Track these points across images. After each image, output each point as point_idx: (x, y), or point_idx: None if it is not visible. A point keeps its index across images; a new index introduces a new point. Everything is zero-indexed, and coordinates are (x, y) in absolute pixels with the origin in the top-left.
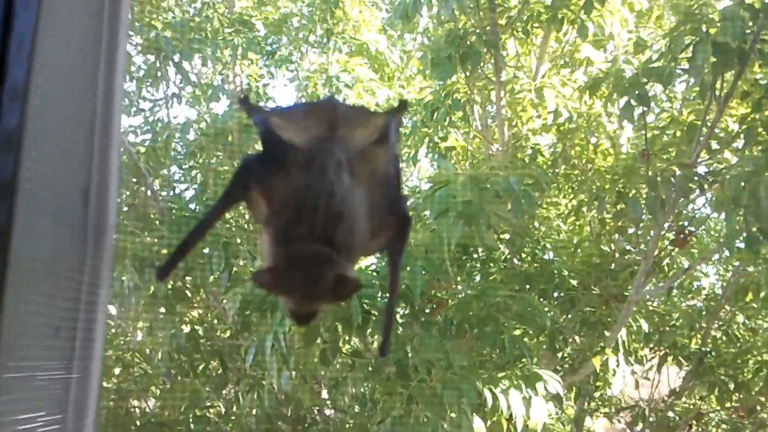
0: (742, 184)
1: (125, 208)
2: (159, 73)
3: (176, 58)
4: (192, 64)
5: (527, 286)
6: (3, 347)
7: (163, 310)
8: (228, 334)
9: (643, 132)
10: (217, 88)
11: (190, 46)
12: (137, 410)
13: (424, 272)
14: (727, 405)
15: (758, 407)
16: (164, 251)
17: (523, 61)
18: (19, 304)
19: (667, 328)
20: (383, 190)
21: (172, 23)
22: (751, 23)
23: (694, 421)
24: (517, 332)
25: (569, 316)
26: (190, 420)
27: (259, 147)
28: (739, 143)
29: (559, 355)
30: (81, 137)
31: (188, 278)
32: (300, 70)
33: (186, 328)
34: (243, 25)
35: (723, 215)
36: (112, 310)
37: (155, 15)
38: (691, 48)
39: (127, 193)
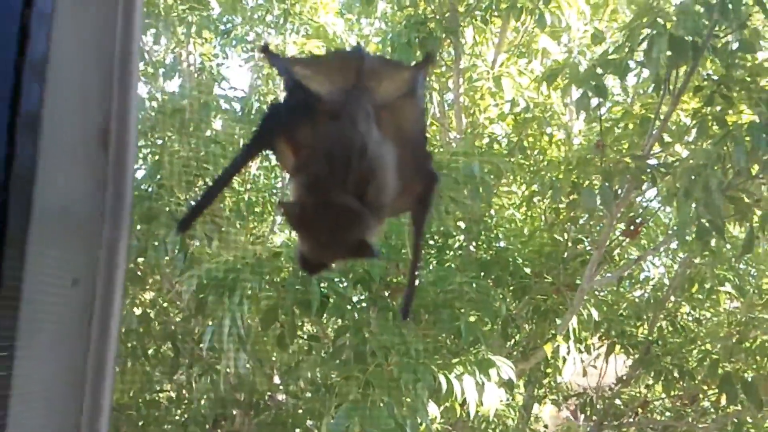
0: (694, 176)
1: None
2: None
3: None
4: (144, 41)
5: (482, 273)
6: (24, 301)
7: None
8: (181, 317)
9: (597, 124)
10: (170, 66)
11: (143, 21)
12: None
13: (382, 259)
14: (672, 393)
15: (701, 395)
16: None
17: (481, 49)
18: (39, 255)
19: (616, 318)
20: (410, 146)
21: None
22: (705, 19)
23: (639, 409)
24: (472, 318)
25: (522, 303)
26: (140, 404)
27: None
28: (691, 137)
29: (511, 341)
30: (101, 70)
31: (141, 259)
32: (256, 50)
33: (138, 311)
34: (198, 3)
35: (674, 207)
36: None
37: None
38: (646, 41)
39: None
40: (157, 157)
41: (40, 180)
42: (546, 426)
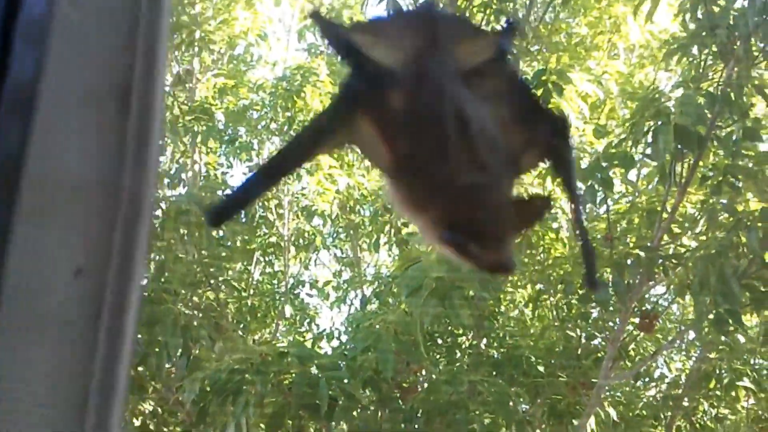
0: (709, 265)
1: None
2: None
3: None
4: None
5: (494, 373)
6: (11, 294)
7: None
8: (181, 428)
9: (601, 219)
10: (174, 174)
11: None
12: None
13: (394, 355)
14: None
15: None
16: None
17: None
18: (33, 239)
19: (633, 418)
20: (515, 102)
21: None
22: (707, 110)
23: None
24: (487, 421)
25: (537, 403)
26: None
27: None
28: (698, 228)
29: None
30: (121, 23)
31: (140, 368)
32: (260, 157)
33: (137, 422)
34: (203, 114)
35: (687, 298)
36: None
37: None
38: (651, 132)
39: None
40: (164, 262)
41: (34, 148)
42: None
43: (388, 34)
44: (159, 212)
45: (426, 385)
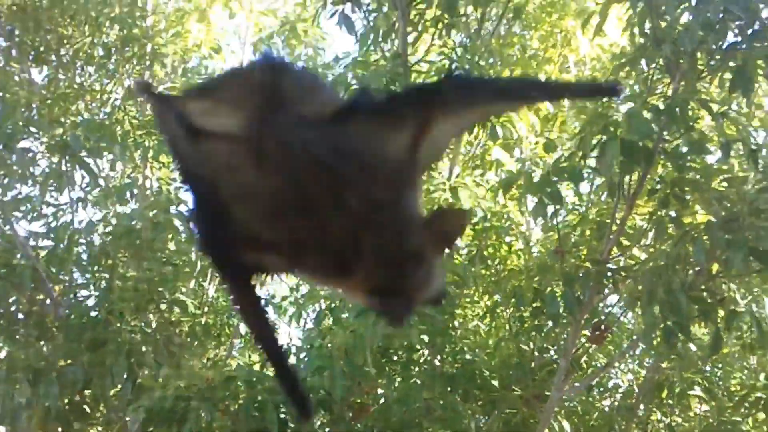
0: (656, 278)
1: (20, 316)
2: (65, 175)
3: (84, 157)
4: (99, 167)
5: (449, 388)
6: None
7: (60, 429)
8: None
9: (555, 230)
10: (124, 188)
11: (98, 144)
12: None
13: (344, 379)
14: None
15: None
16: (61, 362)
17: (436, 164)
18: None
19: (588, 429)
20: (375, 121)
21: (82, 122)
22: (653, 124)
23: None
24: None
25: (492, 418)
26: None
27: None
28: (648, 240)
29: None
30: None
31: (87, 391)
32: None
33: None
34: (154, 128)
35: (638, 311)
36: (2, 429)
37: (64, 117)
38: (598, 147)
39: (24, 300)
40: (108, 283)
41: None
42: None
43: (225, 96)
44: (106, 230)
45: (379, 404)
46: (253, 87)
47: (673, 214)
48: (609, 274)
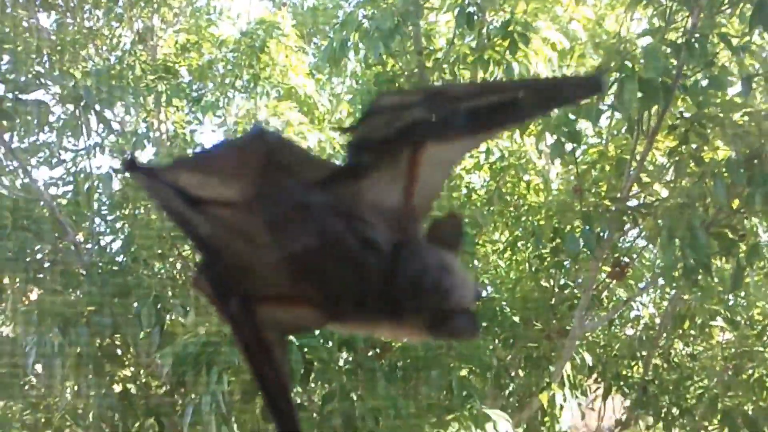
0: (677, 216)
1: (47, 264)
2: (80, 122)
3: (97, 107)
4: (114, 113)
5: None
6: None
7: (91, 368)
8: (163, 390)
9: (573, 167)
10: (141, 135)
11: (111, 94)
12: None
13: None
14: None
15: (703, 431)
16: (90, 308)
17: None
18: None
19: (610, 359)
20: (369, 174)
21: (92, 71)
22: (672, 60)
23: None
24: (464, 373)
25: (513, 352)
26: None
27: None
28: (669, 176)
29: (506, 392)
30: None
31: (117, 336)
32: (228, 115)
33: (117, 387)
34: (166, 72)
35: (658, 247)
36: (39, 369)
37: (74, 64)
38: (616, 85)
39: (49, 247)
40: (130, 230)
41: None
42: None
43: (219, 167)
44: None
45: (401, 341)
46: (248, 157)
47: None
48: (628, 211)
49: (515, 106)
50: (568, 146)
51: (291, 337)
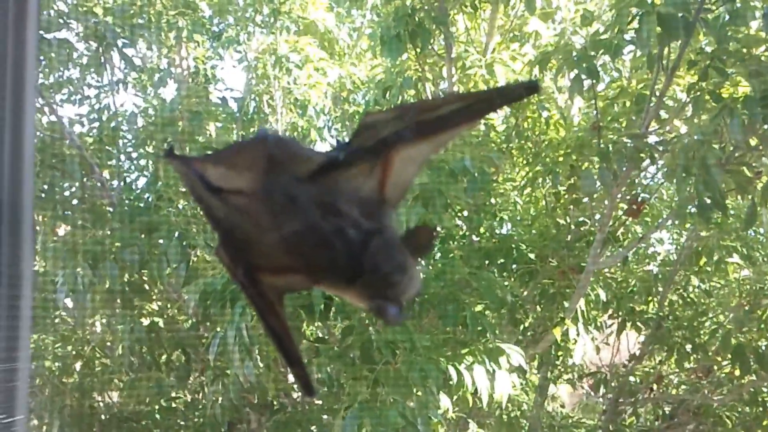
0: (692, 153)
1: (74, 201)
2: (102, 59)
3: (119, 44)
4: (137, 49)
5: (487, 262)
6: None
7: (119, 302)
8: (189, 324)
9: (594, 102)
10: (163, 72)
11: (133, 31)
12: (101, 405)
13: None
14: (686, 366)
15: (715, 367)
16: (117, 244)
17: (473, 35)
18: None
19: (625, 295)
20: (353, 173)
21: (114, 9)
22: None
23: (654, 384)
24: (479, 308)
25: (528, 288)
26: (156, 411)
27: None
28: (688, 112)
29: (521, 327)
30: None
31: (144, 271)
32: (248, 50)
33: (146, 321)
34: (187, 7)
35: (674, 183)
36: (69, 304)
37: (97, 2)
38: (636, 20)
39: (76, 185)
40: (154, 168)
41: None
42: (563, 405)
43: (235, 163)
44: (145, 122)
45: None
46: (256, 155)
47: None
48: (646, 148)
49: (468, 111)
50: (587, 83)
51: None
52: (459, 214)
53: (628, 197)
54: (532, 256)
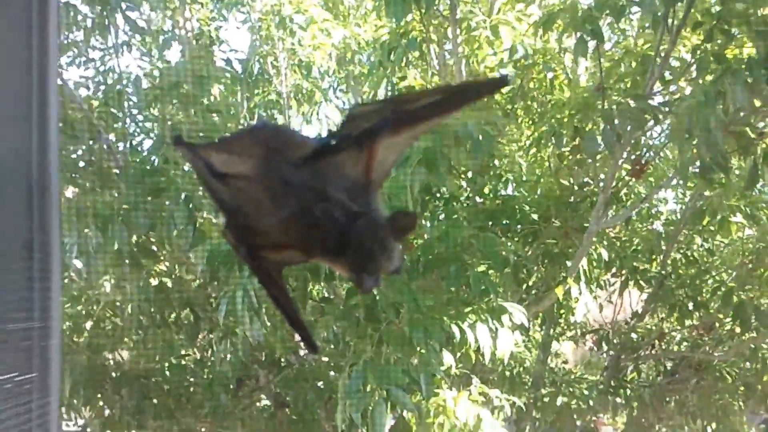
0: (695, 115)
1: (81, 164)
2: (107, 22)
3: (123, 6)
4: (141, 11)
5: (490, 223)
6: None
7: (128, 263)
8: (197, 284)
9: (599, 63)
10: (168, 34)
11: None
12: (112, 363)
13: None
14: (687, 324)
15: (716, 324)
16: (125, 206)
17: None
18: None
19: (629, 254)
20: (337, 157)
21: None
22: None
23: (656, 341)
24: (482, 268)
25: (532, 248)
26: (166, 369)
27: None
28: (693, 73)
29: (524, 286)
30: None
31: (152, 233)
32: (252, 11)
33: (154, 281)
34: None
35: (677, 145)
36: (79, 265)
37: None
38: None
39: (83, 148)
40: (160, 130)
41: None
42: (566, 361)
43: (237, 150)
44: (150, 85)
45: (424, 238)
46: (255, 143)
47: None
48: (650, 109)
49: (442, 104)
50: (592, 44)
51: None
52: (463, 176)
53: (631, 158)
54: (535, 216)
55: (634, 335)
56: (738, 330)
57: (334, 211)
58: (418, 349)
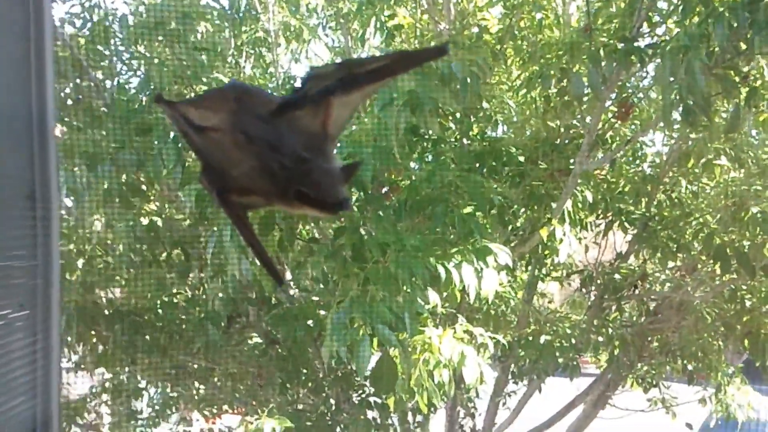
0: (679, 57)
1: (69, 102)
2: None
3: None
4: None
5: (477, 165)
6: None
7: (118, 202)
8: (187, 223)
9: (587, 2)
10: None
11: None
12: (104, 300)
13: (373, 160)
14: (670, 265)
15: (699, 266)
16: (113, 145)
17: None
18: None
19: (614, 196)
20: (299, 113)
21: None
22: None
23: (639, 281)
24: (468, 210)
25: (518, 190)
26: (158, 306)
27: None
28: (678, 16)
29: (510, 228)
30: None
31: (141, 172)
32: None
33: (144, 220)
34: None
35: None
36: (69, 204)
37: None
38: None
39: (70, 86)
40: (147, 69)
41: None
42: (551, 301)
43: (211, 105)
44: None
45: (410, 180)
46: (226, 100)
47: None
48: (636, 51)
49: (388, 67)
50: None
51: None
52: (450, 117)
53: (617, 101)
54: (521, 159)
55: (617, 276)
56: (718, 271)
57: (284, 160)
58: (404, 287)
